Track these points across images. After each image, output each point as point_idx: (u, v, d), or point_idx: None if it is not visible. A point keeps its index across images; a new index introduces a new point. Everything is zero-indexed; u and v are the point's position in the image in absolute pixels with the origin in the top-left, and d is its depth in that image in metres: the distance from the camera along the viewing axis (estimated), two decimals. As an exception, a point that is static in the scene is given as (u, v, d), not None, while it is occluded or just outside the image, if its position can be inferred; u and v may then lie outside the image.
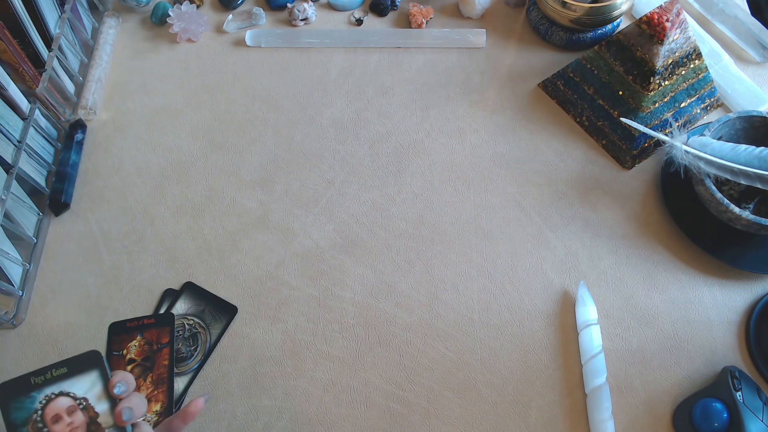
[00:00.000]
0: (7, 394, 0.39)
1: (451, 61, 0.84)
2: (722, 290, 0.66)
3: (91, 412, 0.40)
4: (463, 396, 0.61)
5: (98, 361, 0.41)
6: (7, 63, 0.67)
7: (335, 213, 0.72)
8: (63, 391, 0.40)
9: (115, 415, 0.41)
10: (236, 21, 0.88)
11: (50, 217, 0.72)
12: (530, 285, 0.67)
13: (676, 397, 0.60)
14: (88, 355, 0.41)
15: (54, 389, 0.40)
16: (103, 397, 0.41)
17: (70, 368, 0.40)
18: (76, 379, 0.40)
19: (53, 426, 0.39)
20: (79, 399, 0.40)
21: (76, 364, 0.40)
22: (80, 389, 0.40)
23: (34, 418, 0.39)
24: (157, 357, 0.62)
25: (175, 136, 0.78)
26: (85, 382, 0.40)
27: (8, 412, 0.38)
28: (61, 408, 0.39)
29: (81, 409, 0.40)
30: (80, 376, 0.40)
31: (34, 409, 0.39)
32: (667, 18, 0.67)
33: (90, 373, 0.40)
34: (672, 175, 0.69)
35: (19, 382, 0.39)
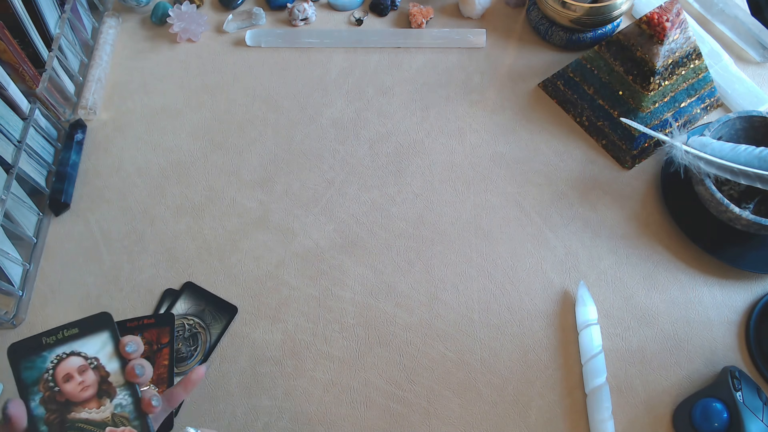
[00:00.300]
0: (18, 354, 0.39)
1: (451, 61, 0.84)
2: (722, 290, 0.66)
3: (102, 372, 0.41)
4: (463, 396, 0.61)
5: (109, 322, 0.41)
6: (7, 63, 0.68)
7: (335, 213, 0.72)
8: (74, 351, 0.40)
9: (127, 370, 0.41)
10: (236, 21, 0.88)
11: (50, 217, 0.72)
12: (530, 285, 0.67)
13: (676, 397, 0.60)
14: (99, 316, 0.41)
15: (65, 349, 0.40)
16: (114, 356, 0.41)
17: (81, 329, 0.40)
18: (87, 339, 0.40)
19: (64, 385, 0.39)
20: (90, 359, 0.40)
21: (87, 325, 0.41)
22: (91, 349, 0.40)
23: (45, 377, 0.39)
24: (157, 357, 0.62)
25: (175, 136, 0.78)
26: (96, 343, 0.41)
27: (19, 372, 0.39)
28: (72, 367, 0.40)
29: (92, 368, 0.40)
30: (91, 337, 0.40)
31: (45, 368, 0.39)
32: (667, 18, 0.67)
33: (101, 334, 0.41)
34: (672, 175, 0.69)
35: (30, 342, 0.39)
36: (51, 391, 0.39)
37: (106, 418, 0.40)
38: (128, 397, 0.41)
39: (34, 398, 0.39)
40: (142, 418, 0.41)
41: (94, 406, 0.40)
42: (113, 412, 0.40)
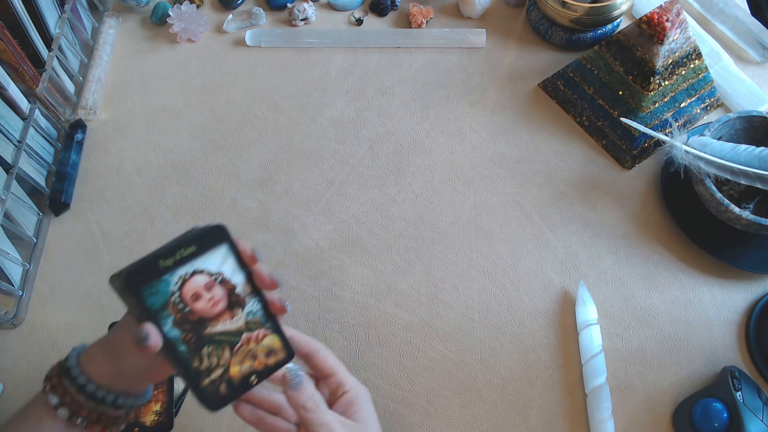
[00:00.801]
0: (135, 281, 0.37)
1: (451, 61, 0.84)
2: (722, 290, 0.66)
3: (228, 285, 0.40)
4: (463, 396, 0.61)
5: (225, 235, 0.40)
6: (7, 63, 0.67)
7: (335, 213, 0.72)
8: (197, 270, 0.39)
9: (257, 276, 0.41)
10: (236, 21, 0.88)
11: (50, 217, 0.72)
12: (530, 285, 0.67)
13: (676, 397, 0.60)
14: (214, 230, 0.40)
15: (186, 269, 0.38)
16: (237, 268, 0.40)
17: (198, 246, 0.39)
18: (207, 255, 0.39)
19: (194, 304, 0.39)
20: (214, 274, 0.40)
21: (203, 241, 0.39)
22: (213, 265, 0.39)
23: (173, 300, 0.38)
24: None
25: (175, 136, 0.78)
26: (216, 257, 0.39)
27: (143, 299, 0.37)
28: (198, 286, 0.39)
29: (218, 283, 0.40)
30: (210, 252, 0.39)
31: (171, 291, 0.38)
32: (667, 18, 0.67)
33: (219, 248, 0.40)
34: (672, 175, 0.69)
35: (147, 267, 0.37)
36: (182, 313, 0.38)
37: (240, 326, 0.41)
38: (257, 302, 0.41)
39: (166, 322, 0.38)
40: (273, 320, 0.42)
41: (227, 318, 0.40)
42: (246, 320, 0.41)
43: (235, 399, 0.40)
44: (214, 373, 0.39)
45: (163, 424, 0.59)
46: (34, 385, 0.62)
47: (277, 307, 0.42)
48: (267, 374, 0.41)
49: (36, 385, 0.60)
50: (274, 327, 0.42)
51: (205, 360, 0.39)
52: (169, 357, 0.38)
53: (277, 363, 0.42)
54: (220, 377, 0.39)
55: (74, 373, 0.40)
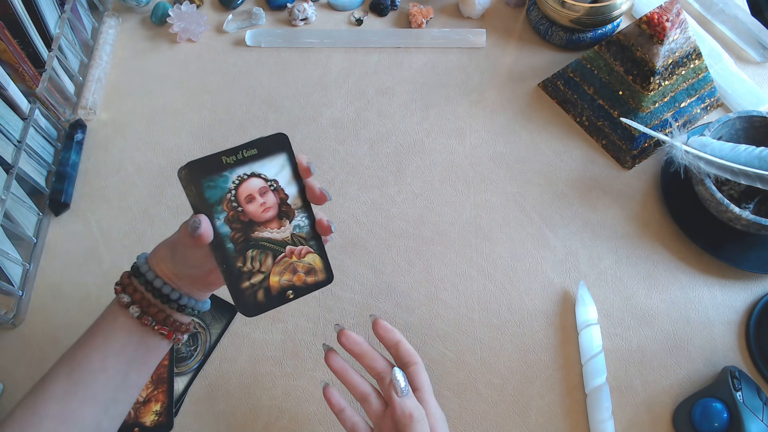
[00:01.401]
0: (197, 171, 0.38)
1: (451, 61, 0.84)
2: (722, 290, 0.66)
3: (281, 194, 0.41)
4: (462, 396, 0.61)
5: (286, 144, 0.41)
6: (7, 63, 0.67)
7: (335, 213, 0.72)
8: (254, 173, 0.40)
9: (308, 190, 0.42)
10: (236, 21, 0.88)
11: (50, 217, 0.72)
12: (530, 285, 0.67)
13: (676, 397, 0.60)
14: (276, 137, 0.41)
15: (245, 170, 0.40)
16: (292, 180, 0.42)
17: (259, 150, 0.40)
18: (266, 161, 0.40)
19: (247, 206, 0.40)
20: (269, 180, 0.41)
21: (265, 145, 0.40)
22: (270, 171, 0.41)
23: (229, 197, 0.39)
24: None
25: (175, 136, 0.78)
26: (275, 165, 0.41)
27: (201, 189, 0.39)
28: (253, 188, 0.40)
29: (272, 190, 0.41)
30: (269, 159, 0.40)
31: (228, 188, 0.39)
32: (667, 18, 0.67)
33: (278, 156, 0.41)
34: (672, 175, 0.69)
35: (210, 161, 0.39)
36: (235, 211, 0.40)
37: (285, 237, 0.42)
38: (305, 219, 0.42)
39: (219, 216, 0.39)
40: (318, 239, 0.43)
41: (275, 226, 0.41)
42: (292, 233, 0.42)
43: (269, 310, 0.42)
44: (255, 278, 0.41)
45: (163, 424, 0.59)
46: (34, 385, 0.62)
47: (324, 225, 0.43)
48: (304, 292, 0.43)
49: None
50: (317, 246, 0.43)
51: (248, 262, 0.40)
52: (215, 251, 0.40)
53: (316, 283, 0.43)
54: (259, 283, 0.41)
55: (143, 269, 0.43)
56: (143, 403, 0.60)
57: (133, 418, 0.59)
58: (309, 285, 0.43)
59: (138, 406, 0.60)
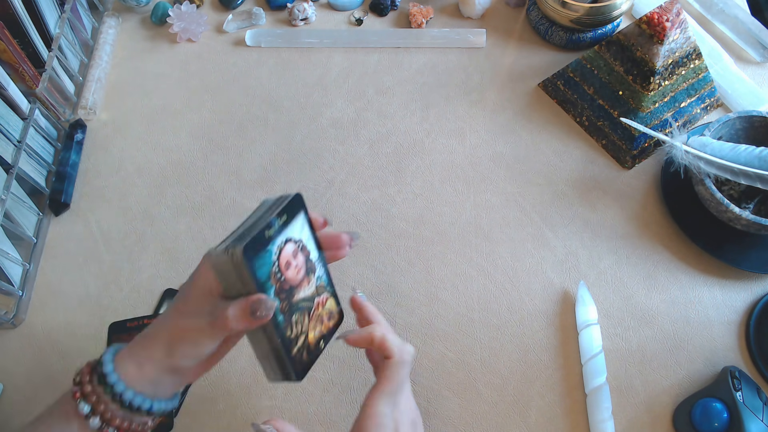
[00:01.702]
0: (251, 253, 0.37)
1: (451, 61, 0.84)
2: (722, 290, 0.66)
3: (306, 252, 0.42)
4: (462, 396, 0.61)
5: (303, 203, 0.42)
6: (7, 63, 0.67)
7: (335, 213, 0.72)
8: (288, 238, 0.40)
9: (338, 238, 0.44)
10: (236, 21, 0.88)
11: (50, 217, 0.72)
12: (530, 285, 0.67)
13: (676, 397, 0.60)
14: (296, 198, 0.41)
15: (282, 238, 0.39)
16: (310, 234, 0.42)
17: (288, 215, 0.40)
18: (293, 224, 0.40)
19: (287, 272, 0.40)
20: (297, 241, 0.41)
21: (292, 209, 0.40)
22: (297, 233, 0.41)
23: (274, 270, 0.38)
24: None
25: (175, 136, 0.78)
26: (297, 225, 0.41)
27: (255, 271, 0.37)
28: (289, 254, 0.40)
29: (300, 250, 0.41)
30: (294, 221, 0.41)
31: (272, 261, 0.38)
32: (667, 18, 0.67)
33: (299, 216, 0.41)
34: (672, 175, 0.69)
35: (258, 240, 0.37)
36: (279, 282, 0.39)
37: (313, 292, 0.42)
38: (322, 267, 0.43)
39: (270, 293, 0.38)
40: (332, 285, 0.45)
41: (306, 284, 0.41)
42: (316, 285, 0.43)
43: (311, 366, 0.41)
44: (300, 341, 0.40)
45: (163, 423, 0.59)
46: (34, 385, 0.63)
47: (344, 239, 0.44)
48: (329, 337, 0.43)
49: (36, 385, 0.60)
50: (332, 290, 0.45)
51: (294, 328, 0.40)
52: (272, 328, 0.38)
53: (335, 325, 0.44)
54: (303, 344, 0.40)
55: (112, 380, 0.38)
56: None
57: None
58: (331, 329, 0.44)
59: None
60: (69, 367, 0.63)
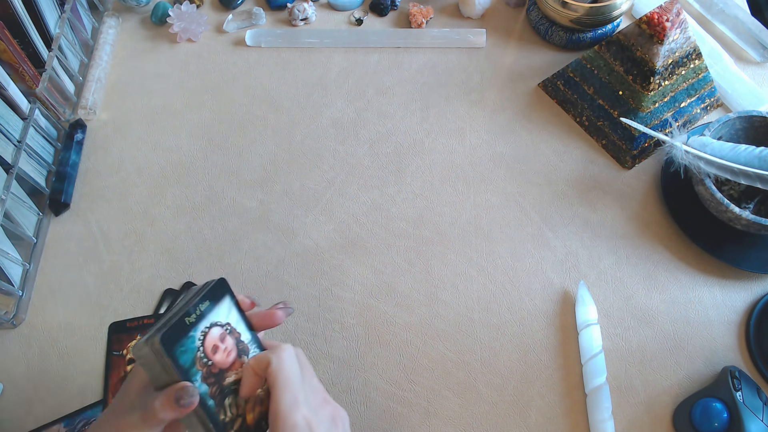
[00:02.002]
0: (169, 342, 0.37)
1: (451, 61, 0.84)
2: (722, 290, 0.66)
3: (235, 334, 0.42)
4: (463, 396, 0.61)
5: (227, 287, 0.42)
6: (7, 63, 0.68)
7: (335, 213, 0.72)
8: (212, 323, 0.40)
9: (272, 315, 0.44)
10: (236, 21, 0.88)
11: (50, 217, 0.72)
12: (530, 285, 0.67)
13: (676, 397, 0.60)
14: (219, 283, 0.42)
15: (205, 324, 0.40)
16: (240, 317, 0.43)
17: (211, 300, 0.41)
18: (217, 308, 0.41)
19: (214, 356, 0.40)
20: (224, 325, 0.41)
21: (214, 294, 0.41)
22: (223, 317, 0.41)
23: (199, 355, 0.39)
24: None
25: (175, 136, 0.78)
26: (224, 309, 0.41)
27: (177, 359, 0.37)
28: (215, 338, 0.40)
29: (228, 333, 0.41)
30: (219, 305, 0.41)
31: (196, 347, 0.39)
32: (667, 18, 0.67)
33: (224, 300, 0.42)
34: (672, 175, 0.69)
35: (177, 327, 0.38)
36: (206, 367, 0.39)
37: None
38: (257, 348, 0.43)
39: (196, 378, 0.38)
40: None
41: (238, 366, 0.41)
42: None
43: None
44: (237, 424, 0.40)
45: None
46: (34, 385, 0.63)
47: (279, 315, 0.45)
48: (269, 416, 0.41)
49: (36, 385, 0.60)
50: None
51: (228, 411, 0.40)
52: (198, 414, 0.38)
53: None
54: (241, 427, 0.40)
55: None
56: None
57: None
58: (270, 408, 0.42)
59: None
60: (69, 367, 0.63)
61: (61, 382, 0.63)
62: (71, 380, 0.63)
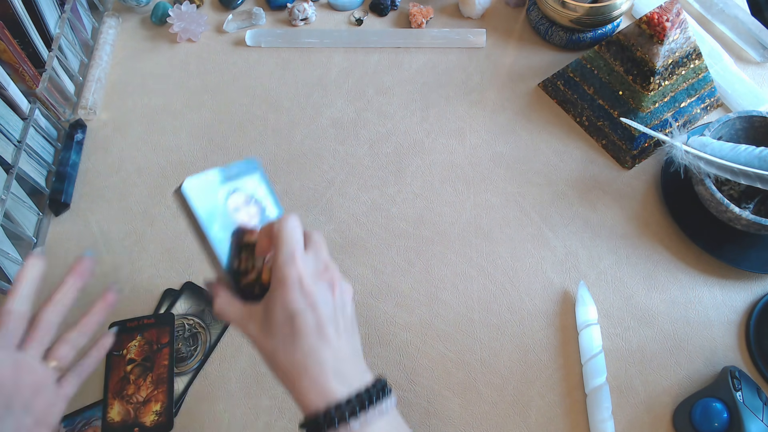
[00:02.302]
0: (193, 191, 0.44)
1: (451, 61, 0.84)
2: (722, 290, 0.66)
3: (260, 205, 0.49)
4: (463, 396, 0.61)
5: (258, 166, 0.49)
6: (7, 63, 0.68)
7: (335, 213, 0.72)
8: (238, 188, 0.47)
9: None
10: (236, 21, 0.88)
11: (50, 217, 0.72)
12: (530, 285, 0.67)
13: (676, 397, 0.60)
14: (251, 161, 0.49)
15: (230, 187, 0.46)
16: (268, 194, 0.49)
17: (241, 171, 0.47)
18: (246, 179, 0.48)
19: (236, 215, 0.46)
20: (248, 194, 0.48)
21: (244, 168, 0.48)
22: (249, 188, 0.48)
23: (221, 209, 0.45)
24: (157, 357, 0.62)
25: (175, 136, 0.78)
26: (252, 182, 0.48)
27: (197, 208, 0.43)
28: (238, 201, 0.47)
29: (253, 202, 0.48)
30: (249, 178, 0.48)
31: (218, 203, 0.45)
32: (667, 18, 0.67)
33: (254, 175, 0.48)
34: (672, 175, 0.69)
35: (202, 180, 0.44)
36: (226, 218, 0.45)
37: None
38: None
39: (212, 228, 0.44)
40: None
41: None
42: None
43: None
44: (251, 275, 0.46)
45: (163, 424, 0.59)
46: (34, 385, 0.62)
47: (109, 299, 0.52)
48: None
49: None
50: None
51: (243, 263, 0.46)
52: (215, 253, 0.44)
53: None
54: (255, 280, 0.46)
55: None
56: (143, 403, 0.60)
57: (133, 418, 0.59)
58: None
59: (138, 406, 0.60)
60: (69, 367, 0.63)
61: (61, 382, 0.63)
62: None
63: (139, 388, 0.61)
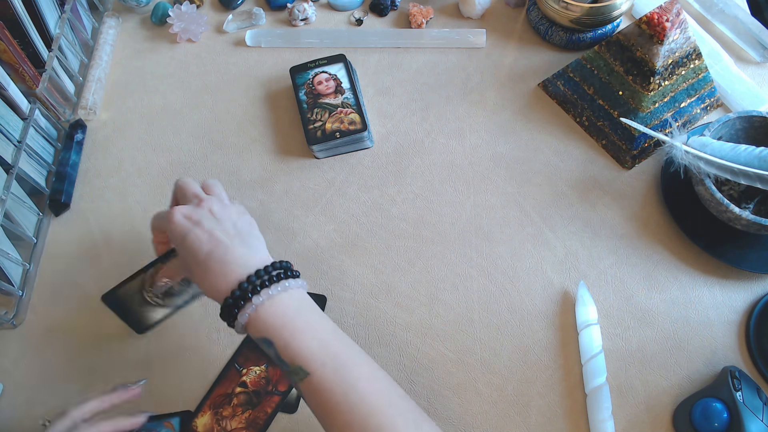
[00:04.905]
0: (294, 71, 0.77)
1: (451, 61, 0.84)
2: (722, 290, 0.66)
3: (337, 81, 0.76)
4: (463, 396, 0.61)
5: (344, 59, 0.77)
6: (7, 63, 0.68)
7: (335, 213, 0.72)
8: (323, 71, 0.77)
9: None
10: (236, 21, 0.88)
11: (50, 217, 0.72)
12: (530, 285, 0.67)
13: (676, 397, 0.60)
14: (341, 56, 0.78)
15: (318, 70, 0.77)
16: (346, 77, 0.76)
17: (328, 60, 0.77)
18: (331, 66, 0.77)
19: (317, 86, 0.76)
20: (332, 75, 0.76)
21: (330, 59, 0.77)
22: (333, 70, 0.76)
23: (308, 82, 0.76)
24: (266, 399, 0.60)
25: (175, 136, 0.78)
26: (336, 68, 0.77)
27: (297, 80, 0.76)
28: (321, 77, 0.76)
29: (333, 79, 0.76)
30: (333, 64, 0.77)
31: (308, 77, 0.76)
32: (667, 18, 0.67)
33: (339, 64, 0.77)
34: (672, 175, 0.69)
35: (301, 65, 0.77)
36: (310, 88, 0.75)
37: (338, 103, 0.74)
38: (353, 95, 0.75)
39: (302, 91, 0.75)
40: (360, 107, 0.74)
41: (332, 97, 0.75)
42: (342, 101, 0.74)
43: (326, 141, 0.72)
44: (317, 123, 0.73)
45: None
46: (34, 385, 0.63)
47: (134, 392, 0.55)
48: (347, 134, 0.72)
49: (36, 385, 0.60)
50: (358, 109, 0.74)
51: (314, 115, 0.73)
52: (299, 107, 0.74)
53: (356, 130, 0.72)
54: (319, 126, 0.72)
55: None
56: None
57: None
58: (351, 130, 0.72)
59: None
60: (69, 368, 0.63)
61: (62, 383, 0.63)
62: (71, 380, 0.63)
63: (234, 416, 0.59)
